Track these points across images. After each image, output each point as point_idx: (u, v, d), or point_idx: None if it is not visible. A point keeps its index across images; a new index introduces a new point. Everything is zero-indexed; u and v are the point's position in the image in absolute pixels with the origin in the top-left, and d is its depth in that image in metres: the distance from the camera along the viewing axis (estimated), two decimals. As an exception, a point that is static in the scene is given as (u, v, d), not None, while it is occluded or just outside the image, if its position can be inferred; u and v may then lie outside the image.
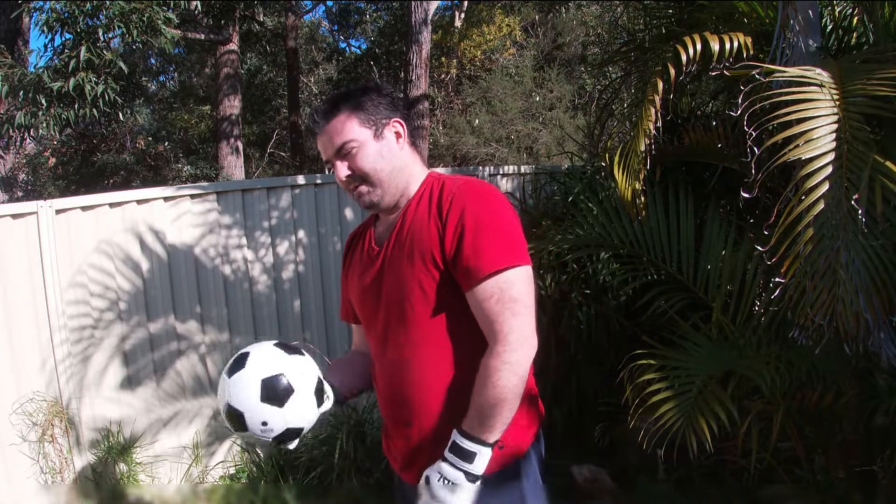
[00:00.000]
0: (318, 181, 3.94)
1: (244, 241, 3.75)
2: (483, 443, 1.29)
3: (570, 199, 3.50)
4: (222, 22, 7.38)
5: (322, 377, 1.42)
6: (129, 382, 3.53)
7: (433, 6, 6.46)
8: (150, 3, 4.63)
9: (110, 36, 4.60)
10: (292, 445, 1.38)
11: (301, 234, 3.86)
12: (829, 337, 1.95)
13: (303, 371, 1.36)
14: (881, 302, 1.90)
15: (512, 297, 1.30)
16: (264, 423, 1.30)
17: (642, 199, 2.64)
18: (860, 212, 1.81)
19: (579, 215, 3.21)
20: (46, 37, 4.59)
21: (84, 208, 3.45)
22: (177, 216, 3.62)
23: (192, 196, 3.66)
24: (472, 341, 1.34)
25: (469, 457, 1.28)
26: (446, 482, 1.29)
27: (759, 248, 2.04)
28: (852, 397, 2.23)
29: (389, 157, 1.43)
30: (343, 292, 1.64)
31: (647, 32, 3.35)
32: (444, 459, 1.30)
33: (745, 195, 1.97)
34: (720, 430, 2.18)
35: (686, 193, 2.93)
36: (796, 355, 2.27)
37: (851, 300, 1.87)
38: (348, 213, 3.96)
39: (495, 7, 12.04)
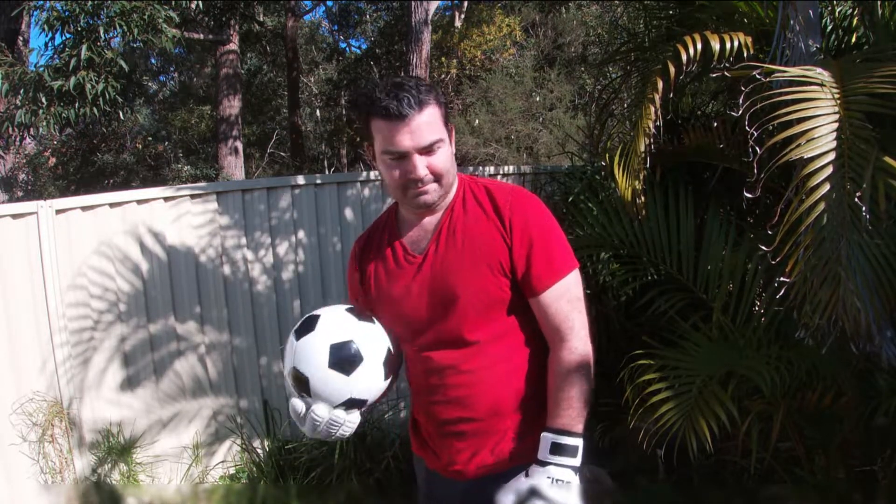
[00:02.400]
0: (318, 181, 3.94)
1: (244, 241, 3.75)
2: (580, 435, 1.36)
3: (570, 199, 3.50)
4: (223, 20, 7.37)
5: (392, 348, 1.40)
6: (129, 383, 3.53)
7: (433, 6, 6.46)
8: (150, 2, 4.63)
9: (111, 35, 4.60)
10: (355, 418, 1.35)
11: (301, 234, 3.86)
12: (834, 337, 1.94)
13: (373, 339, 1.36)
14: (884, 301, 1.90)
15: (577, 297, 1.42)
16: (329, 389, 1.29)
17: (642, 199, 2.63)
18: (863, 210, 1.81)
19: (579, 215, 3.20)
20: (47, 35, 4.59)
21: (84, 208, 3.45)
22: (177, 216, 3.62)
23: (192, 196, 3.66)
24: (529, 341, 1.44)
25: (572, 452, 1.35)
26: (559, 483, 1.32)
27: (762, 247, 2.04)
28: (852, 397, 2.23)
29: (454, 161, 1.44)
30: (351, 297, 1.60)
31: (647, 32, 3.35)
32: (547, 462, 1.34)
33: (748, 195, 1.96)
34: (720, 430, 2.18)
35: (686, 193, 2.93)
36: (796, 355, 2.27)
37: (855, 299, 1.87)
38: (348, 213, 3.96)
39: (495, 7, 12.04)
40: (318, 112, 15.49)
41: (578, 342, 1.40)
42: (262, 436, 3.72)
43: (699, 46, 2.47)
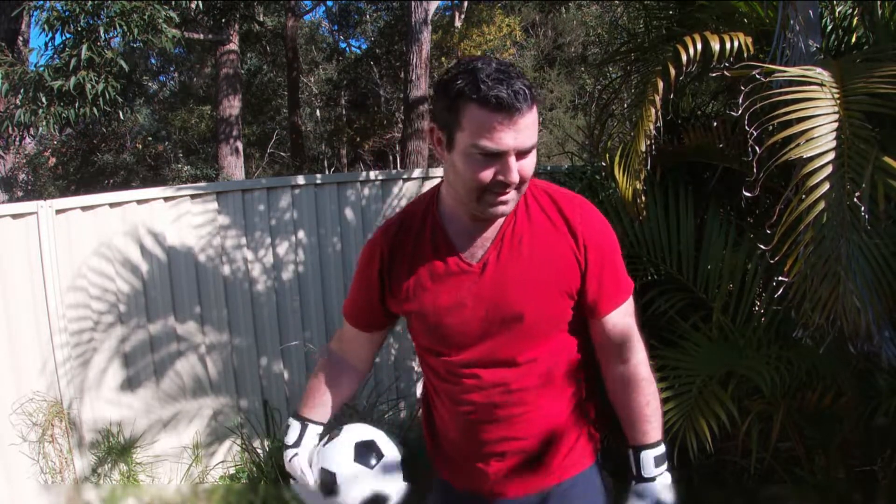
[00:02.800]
0: (318, 181, 3.94)
1: (244, 241, 3.75)
2: (664, 442, 1.38)
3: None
4: (223, 21, 7.38)
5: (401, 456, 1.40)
6: (129, 383, 3.53)
7: (433, 6, 6.46)
8: (150, 2, 4.63)
9: (111, 35, 4.60)
10: None
11: (301, 234, 3.86)
12: (833, 336, 1.94)
13: (390, 441, 1.38)
14: (884, 301, 1.90)
15: (634, 310, 1.39)
16: (355, 484, 1.31)
17: (642, 199, 2.63)
18: (862, 210, 1.81)
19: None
20: (47, 35, 4.60)
21: (84, 208, 3.45)
22: (177, 216, 3.62)
23: (192, 196, 3.66)
24: (577, 358, 1.38)
25: (665, 459, 1.37)
26: (668, 489, 1.37)
27: (761, 247, 2.04)
28: (852, 397, 2.23)
29: None
30: (361, 297, 1.43)
31: (647, 33, 3.35)
32: (654, 477, 1.36)
33: (747, 195, 1.97)
34: (720, 430, 2.18)
35: (686, 193, 2.93)
36: (796, 355, 2.27)
37: (854, 298, 1.87)
38: (348, 213, 3.96)
39: (495, 7, 12.05)
40: (318, 112, 15.49)
41: (643, 353, 1.38)
42: (262, 436, 3.72)
43: (699, 47, 2.47)
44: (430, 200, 1.36)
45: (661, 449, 1.37)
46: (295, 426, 1.44)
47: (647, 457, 1.36)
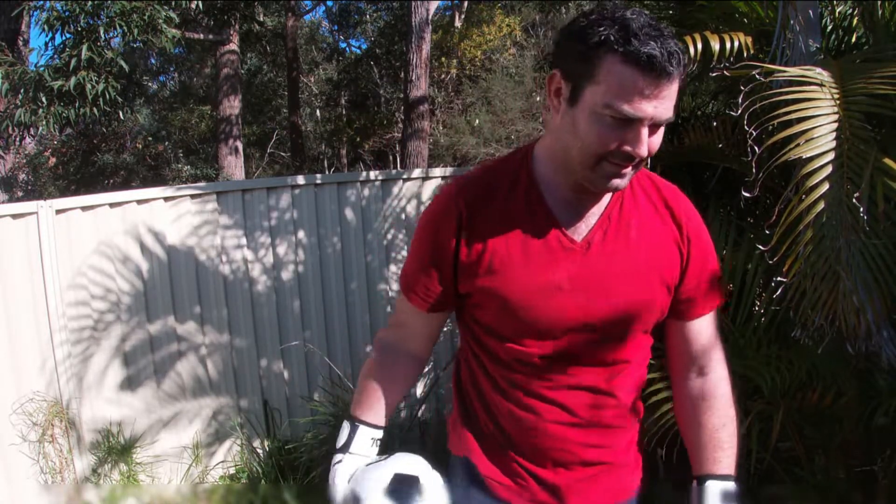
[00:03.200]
0: (318, 181, 3.94)
1: (244, 241, 3.75)
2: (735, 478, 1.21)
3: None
4: (225, 18, 7.38)
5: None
6: (130, 383, 3.53)
7: (433, 6, 6.46)
8: (150, 2, 4.63)
9: (111, 35, 4.60)
10: None
11: (301, 234, 3.86)
12: (832, 336, 1.95)
13: (437, 482, 1.20)
14: (883, 301, 1.90)
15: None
16: None
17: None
18: (861, 210, 1.81)
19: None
20: (47, 35, 4.60)
21: (84, 208, 3.45)
22: (177, 216, 3.62)
23: (192, 196, 3.66)
24: (646, 363, 1.25)
25: (736, 499, 1.20)
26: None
27: (760, 247, 2.04)
28: (852, 397, 2.23)
29: None
30: (426, 267, 1.17)
31: (648, 33, 3.34)
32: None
33: (746, 195, 1.97)
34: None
35: (686, 193, 2.92)
36: (796, 355, 2.27)
37: (853, 298, 1.87)
38: (348, 213, 3.96)
39: (495, 7, 12.05)
40: (318, 112, 15.49)
41: (725, 369, 1.21)
42: (262, 436, 3.73)
43: (699, 46, 2.47)
44: (521, 160, 1.15)
45: (732, 485, 1.16)
46: (345, 428, 1.26)
47: (713, 489, 1.16)
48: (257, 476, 3.56)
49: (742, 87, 2.06)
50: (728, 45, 2.47)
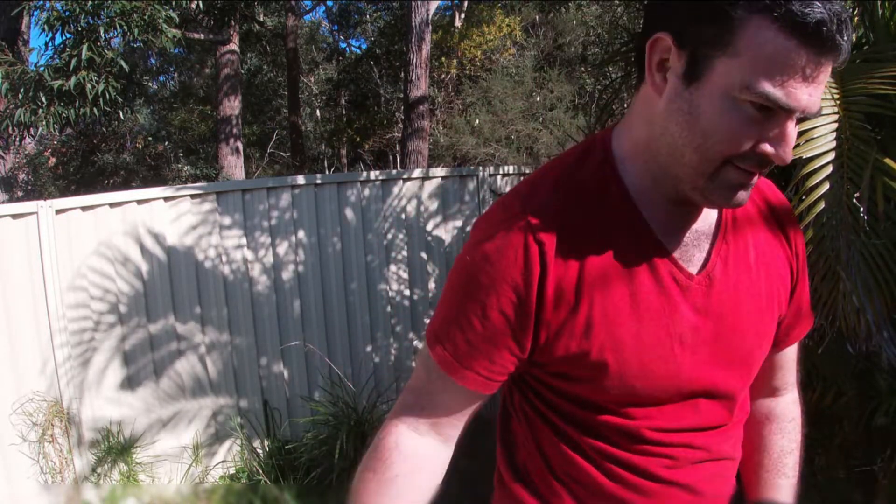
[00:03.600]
0: (318, 181, 3.94)
1: (244, 241, 3.76)
2: None
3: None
4: (223, 20, 7.38)
5: None
6: (130, 383, 3.53)
7: (433, 6, 6.46)
8: (151, 2, 4.64)
9: (111, 35, 4.61)
10: None
11: (301, 234, 3.86)
12: (832, 336, 1.94)
13: None
14: (883, 301, 1.90)
15: None
16: None
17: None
18: (861, 210, 1.81)
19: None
20: (47, 35, 4.60)
21: (84, 208, 3.45)
22: (177, 216, 3.63)
23: (192, 196, 3.66)
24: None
25: None
26: None
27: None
28: (852, 397, 2.23)
29: None
30: (488, 337, 0.80)
31: (648, 32, 3.34)
32: None
33: (746, 195, 1.97)
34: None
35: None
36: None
37: (854, 299, 1.87)
38: (348, 213, 3.96)
39: (495, 7, 12.05)
40: (318, 112, 15.49)
41: (796, 390, 1.03)
42: (262, 436, 3.73)
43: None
44: (603, 166, 0.82)
45: None
46: None
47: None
48: (257, 476, 3.56)
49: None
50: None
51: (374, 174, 4.07)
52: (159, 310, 3.59)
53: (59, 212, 3.36)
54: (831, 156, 1.90)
